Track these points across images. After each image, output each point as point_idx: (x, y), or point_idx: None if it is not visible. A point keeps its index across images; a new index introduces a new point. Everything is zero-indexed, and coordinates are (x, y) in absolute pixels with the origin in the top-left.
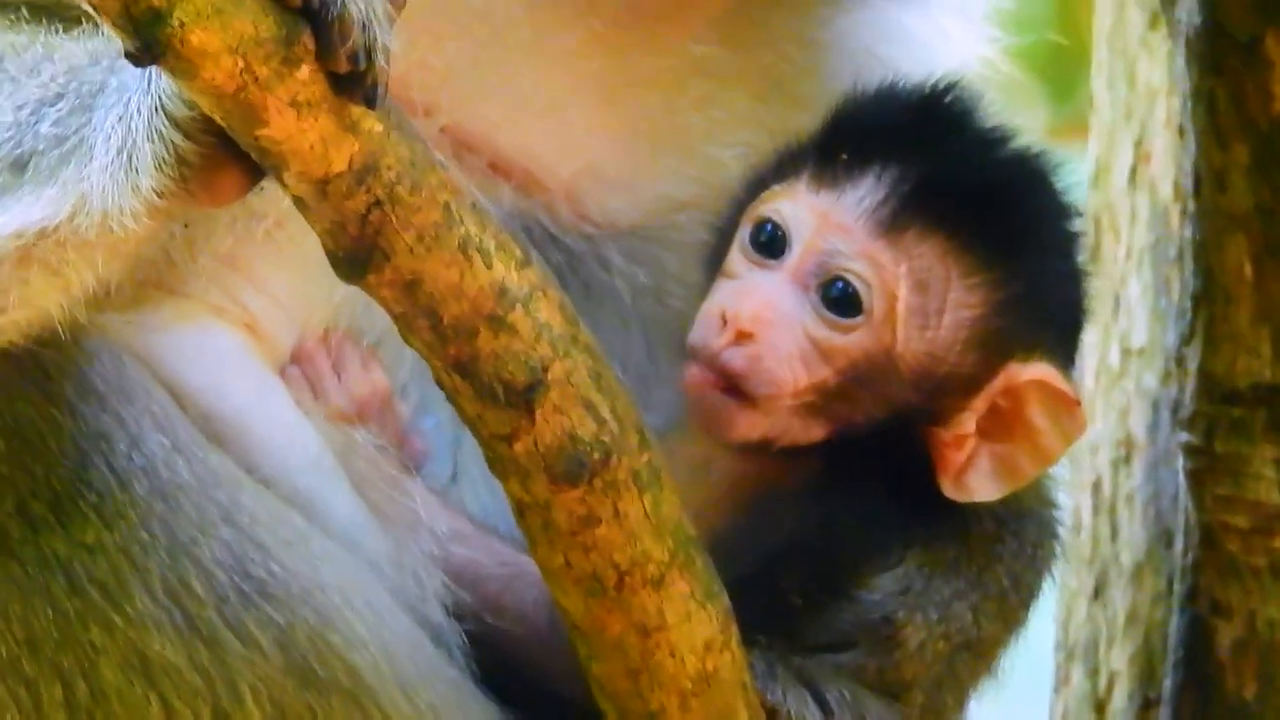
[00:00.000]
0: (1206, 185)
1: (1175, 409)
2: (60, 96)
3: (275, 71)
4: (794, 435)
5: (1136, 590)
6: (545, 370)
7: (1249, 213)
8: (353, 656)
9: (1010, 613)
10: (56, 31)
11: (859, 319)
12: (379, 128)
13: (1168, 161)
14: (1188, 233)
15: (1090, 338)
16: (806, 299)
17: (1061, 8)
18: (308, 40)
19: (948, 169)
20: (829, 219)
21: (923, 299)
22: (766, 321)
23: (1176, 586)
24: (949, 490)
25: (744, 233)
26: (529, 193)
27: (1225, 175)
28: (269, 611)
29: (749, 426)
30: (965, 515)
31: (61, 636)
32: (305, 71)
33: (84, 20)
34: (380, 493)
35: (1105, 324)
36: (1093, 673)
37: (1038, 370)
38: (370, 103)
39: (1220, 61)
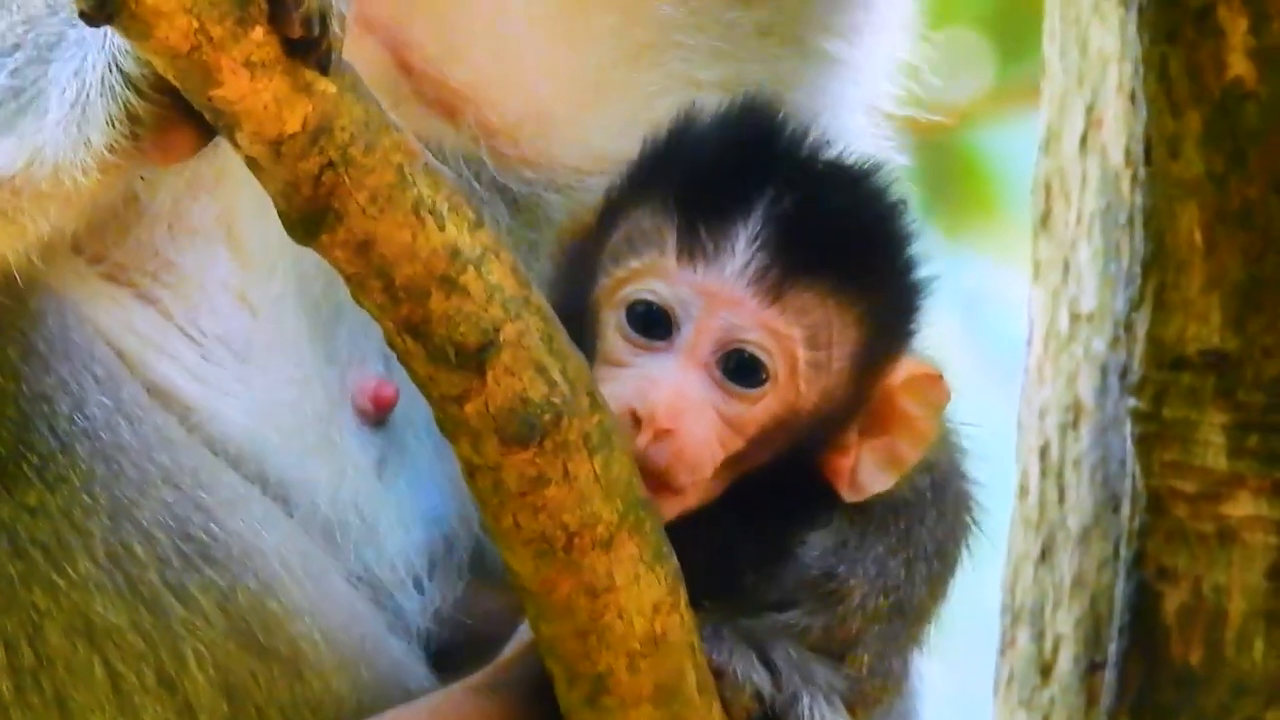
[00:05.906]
0: (1158, 152)
1: (1124, 374)
2: (17, 48)
3: (229, 32)
4: (703, 500)
5: (1083, 555)
6: (497, 332)
7: (1200, 180)
8: (292, 626)
9: (936, 579)
10: None
11: (765, 386)
12: (333, 89)
13: (1119, 128)
14: (1139, 199)
15: (1039, 301)
16: (709, 377)
17: None
18: (262, 1)
19: (810, 214)
20: (717, 296)
21: (817, 351)
22: (681, 413)
23: (1123, 552)
24: (847, 495)
25: (618, 316)
26: (468, 127)
27: (1177, 142)
28: (210, 574)
29: (672, 508)
30: None
31: (5, 600)
32: (259, 32)
33: None
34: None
35: (1055, 288)
36: (1038, 636)
37: (906, 368)
38: (324, 69)
39: (1173, 29)
